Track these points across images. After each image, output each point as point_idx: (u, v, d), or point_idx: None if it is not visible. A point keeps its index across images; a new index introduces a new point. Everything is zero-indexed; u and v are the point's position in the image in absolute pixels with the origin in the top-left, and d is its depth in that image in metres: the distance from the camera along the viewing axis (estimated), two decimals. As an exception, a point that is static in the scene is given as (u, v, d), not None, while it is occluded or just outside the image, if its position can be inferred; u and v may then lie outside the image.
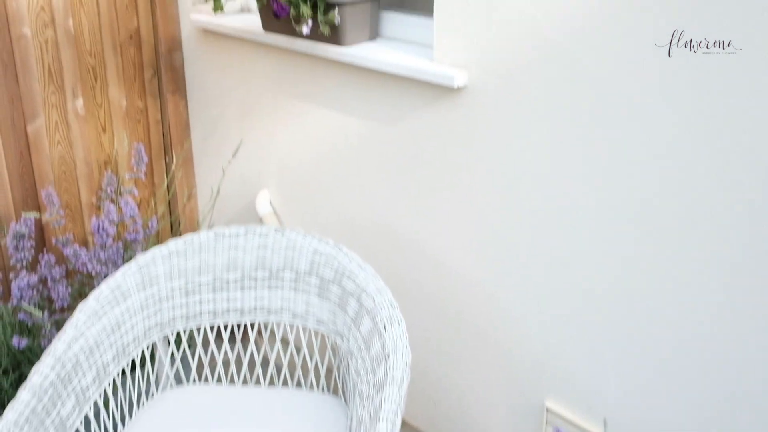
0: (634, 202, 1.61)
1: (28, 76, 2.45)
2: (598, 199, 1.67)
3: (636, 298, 1.67)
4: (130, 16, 2.68)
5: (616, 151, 1.60)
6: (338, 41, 2.09)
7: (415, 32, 2.11)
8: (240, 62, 2.56)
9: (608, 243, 1.69)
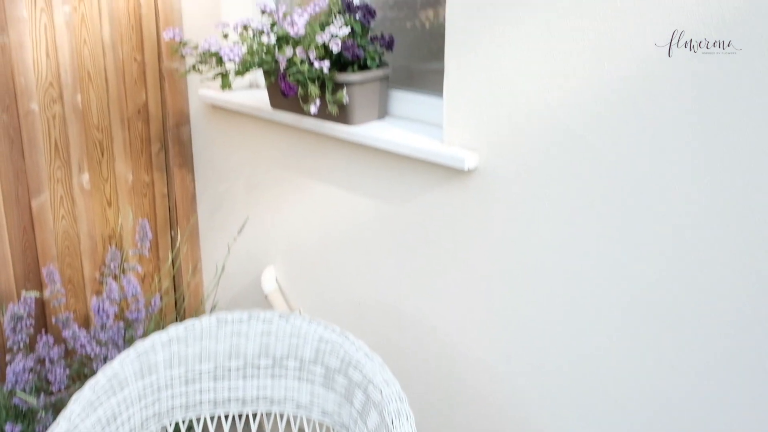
0: (650, 291, 1.54)
1: (35, 152, 2.44)
2: (611, 287, 1.60)
3: (651, 390, 1.58)
4: (138, 90, 2.67)
5: (630, 237, 1.54)
6: (346, 120, 2.06)
7: (424, 111, 2.08)
8: (247, 138, 2.54)
9: (622, 332, 1.61)
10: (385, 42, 2.05)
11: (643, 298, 1.56)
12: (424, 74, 2.16)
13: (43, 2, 2.36)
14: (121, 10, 2.56)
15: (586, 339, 1.69)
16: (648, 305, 1.56)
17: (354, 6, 2.04)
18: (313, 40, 2.01)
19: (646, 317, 1.57)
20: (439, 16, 2.14)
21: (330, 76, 2.01)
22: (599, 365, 1.68)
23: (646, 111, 1.46)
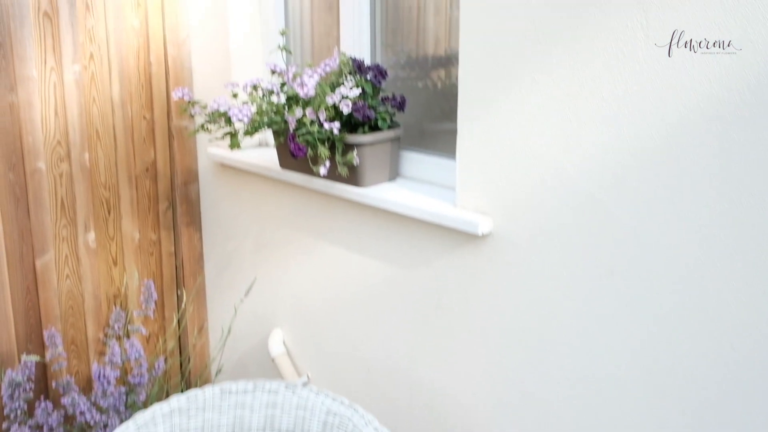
0: (673, 367, 1.46)
1: (40, 210, 2.40)
2: (629, 360, 1.52)
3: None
4: (147, 148, 2.64)
5: (652, 309, 1.46)
6: (357, 182, 2.01)
7: (436, 173, 2.03)
8: (256, 197, 2.49)
9: (639, 406, 1.52)
10: (397, 102, 2.01)
11: (664, 373, 1.48)
12: (436, 135, 2.12)
13: (53, 61, 2.35)
14: (132, 69, 2.55)
15: (602, 412, 1.61)
16: (670, 381, 1.48)
17: (365, 66, 2.01)
18: (323, 101, 1.97)
19: (666, 394, 1.48)
20: (452, 75, 2.11)
21: (340, 138, 1.96)
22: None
23: (667, 177, 1.40)
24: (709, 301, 1.39)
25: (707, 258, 1.38)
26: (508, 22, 1.59)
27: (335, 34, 2.44)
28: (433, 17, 2.10)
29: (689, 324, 1.43)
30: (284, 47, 2.18)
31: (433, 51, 2.14)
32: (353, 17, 2.19)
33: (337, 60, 2.00)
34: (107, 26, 2.46)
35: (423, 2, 2.13)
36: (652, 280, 1.47)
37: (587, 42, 1.47)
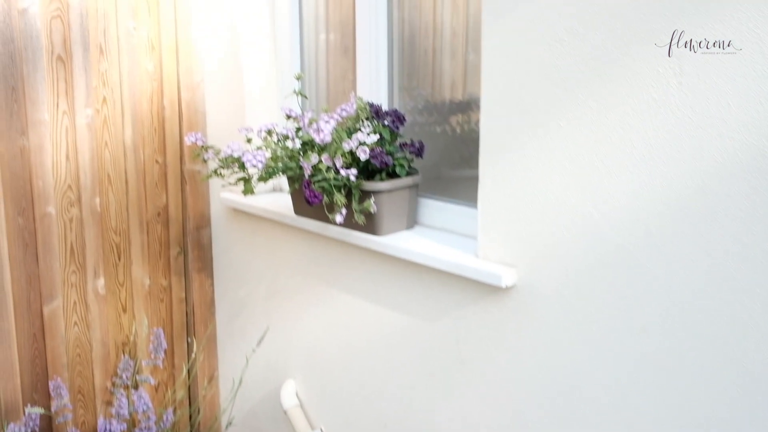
0: (707, 430, 1.37)
1: (49, 256, 2.35)
2: (668, 427, 1.43)
3: None
4: (159, 193, 2.60)
5: (687, 369, 1.38)
6: (374, 230, 1.95)
7: (456, 221, 1.96)
8: (269, 243, 2.43)
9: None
10: (415, 149, 1.96)
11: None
12: (455, 182, 2.06)
13: (65, 105, 2.32)
14: (144, 113, 2.51)
15: (640, 480, 1.51)
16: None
17: (383, 112, 1.96)
18: (339, 147, 1.92)
19: (711, 460, 1.39)
20: (471, 121, 2.06)
21: (357, 185, 1.91)
22: None
23: (704, 229, 1.32)
24: (751, 362, 1.31)
25: (748, 316, 1.29)
26: (532, 67, 1.54)
27: (351, 78, 2.40)
28: (449, 61, 2.06)
29: (729, 388, 1.34)
30: (300, 92, 2.14)
31: (451, 95, 2.09)
32: (370, 61, 2.15)
33: (354, 105, 1.95)
34: (121, 70, 2.44)
35: (439, 46, 2.09)
36: (687, 340, 1.38)
37: (616, 87, 1.41)
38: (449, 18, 2.05)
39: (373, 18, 2.11)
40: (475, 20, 1.97)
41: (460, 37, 2.04)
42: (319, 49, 2.46)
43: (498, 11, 1.59)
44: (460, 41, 2.03)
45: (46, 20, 2.25)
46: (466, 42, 2.02)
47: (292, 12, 2.44)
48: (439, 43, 2.09)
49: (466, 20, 2.01)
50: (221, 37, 2.50)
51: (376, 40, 2.11)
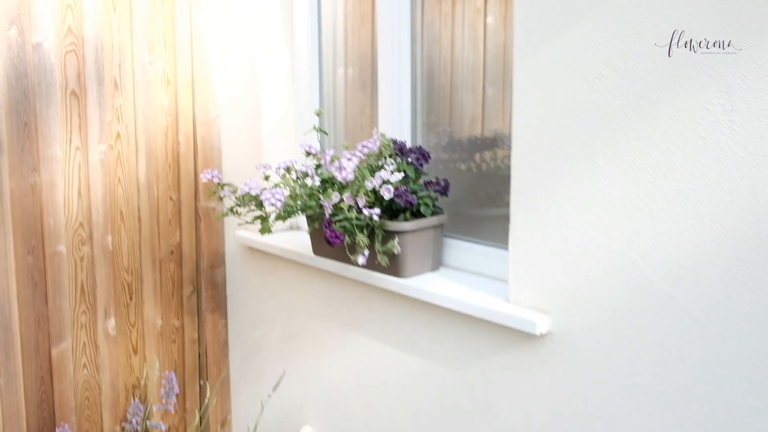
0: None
1: (59, 296, 2.28)
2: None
3: None
4: (172, 230, 2.53)
5: (738, 419, 1.28)
6: (397, 272, 1.86)
7: (483, 263, 1.88)
8: (286, 283, 2.35)
9: None
10: (441, 187, 1.88)
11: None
12: (481, 221, 1.98)
13: (78, 141, 2.27)
14: (159, 149, 2.46)
15: None
16: None
17: (407, 149, 1.88)
18: (362, 186, 1.84)
19: None
20: (497, 157, 1.98)
21: (380, 225, 1.83)
22: None
23: (759, 276, 1.23)
24: (813, 421, 1.21)
25: (810, 371, 1.20)
26: (568, 104, 1.46)
27: (369, 113, 2.35)
28: (472, 96, 2.00)
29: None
30: (319, 128, 2.08)
31: (475, 131, 2.02)
32: (392, 97, 2.09)
33: (377, 142, 1.88)
34: (136, 105, 2.39)
35: (461, 82, 2.02)
36: (744, 400, 1.28)
37: (661, 126, 1.33)
38: (471, 53, 1.99)
39: (395, 53, 2.05)
40: (496, 55, 1.91)
41: (482, 72, 1.97)
42: (337, 84, 2.41)
43: (531, 46, 1.52)
44: (483, 76, 1.97)
45: (60, 54, 2.21)
46: (490, 77, 1.95)
47: (312, 47, 2.40)
48: (460, 79, 2.03)
49: (488, 55, 1.95)
50: (239, 72, 2.45)
51: (398, 75, 2.06)
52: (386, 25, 2.06)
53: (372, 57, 2.30)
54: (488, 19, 1.96)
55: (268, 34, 2.38)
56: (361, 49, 2.32)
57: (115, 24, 2.31)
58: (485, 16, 1.97)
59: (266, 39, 2.38)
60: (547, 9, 1.48)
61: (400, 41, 2.05)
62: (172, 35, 2.45)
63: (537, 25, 1.50)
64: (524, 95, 1.54)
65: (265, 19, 2.36)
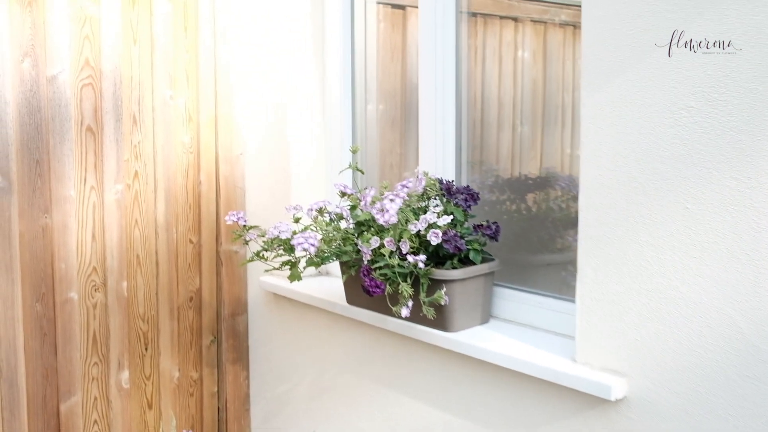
0: None
1: (69, 346, 2.14)
2: None
3: None
4: (192, 275, 2.37)
5: None
6: (444, 325, 1.69)
7: (540, 316, 1.70)
8: (316, 334, 2.20)
9: None
10: (492, 231, 1.71)
11: None
12: (534, 268, 1.82)
13: (93, 180, 2.13)
14: (179, 188, 2.32)
15: None
16: None
17: (454, 189, 1.72)
18: (405, 229, 1.67)
19: None
20: (549, 198, 1.82)
21: (425, 273, 1.65)
22: None
23: None
24: None
25: None
26: (648, 140, 1.29)
27: (399, 151, 2.22)
28: (520, 133, 1.86)
29: None
30: (355, 166, 1.92)
31: (524, 170, 1.88)
32: (435, 133, 1.94)
33: (422, 181, 1.72)
34: (155, 142, 2.26)
35: (507, 118, 1.88)
36: None
37: (763, 162, 1.15)
38: (518, 88, 1.85)
39: (439, 88, 1.91)
40: (551, 90, 1.76)
41: (530, 108, 1.83)
42: (369, 121, 2.28)
43: (602, 76, 1.36)
44: (532, 112, 1.83)
45: (76, 88, 2.09)
46: (539, 112, 1.80)
47: (344, 82, 2.26)
48: (506, 115, 1.89)
49: (538, 90, 1.80)
50: (265, 108, 2.33)
51: (443, 110, 1.91)
52: (428, 59, 1.93)
53: (402, 92, 2.19)
54: (538, 53, 1.82)
55: (297, 68, 2.26)
56: (391, 84, 2.22)
57: (135, 57, 2.20)
58: (530, 49, 1.83)
59: (295, 73, 2.26)
60: (621, 33, 1.32)
61: (444, 75, 1.90)
62: (195, 69, 2.33)
63: (610, 52, 1.34)
64: (594, 132, 1.38)
65: (294, 53, 2.25)
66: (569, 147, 1.79)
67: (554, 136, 1.80)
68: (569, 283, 1.74)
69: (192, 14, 2.29)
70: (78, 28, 2.08)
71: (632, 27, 1.31)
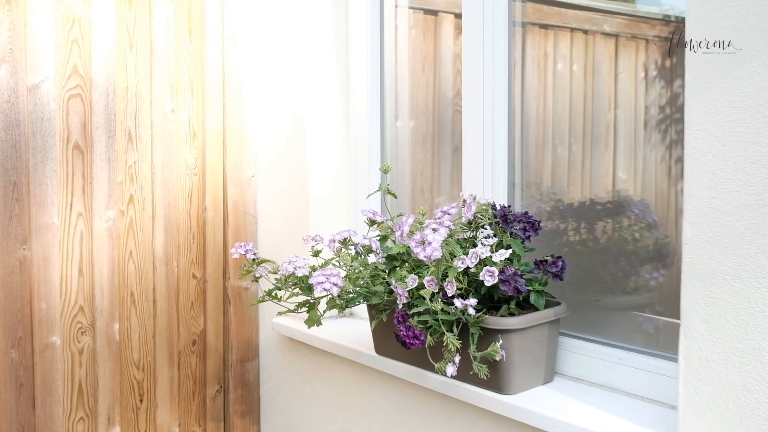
0: None
1: (50, 399, 1.93)
2: None
3: None
4: (195, 316, 2.13)
5: None
6: (498, 386, 1.37)
7: (622, 375, 1.39)
8: (338, 386, 1.92)
9: None
10: (558, 269, 1.38)
11: None
12: (607, 313, 1.50)
13: (81, 205, 1.92)
14: (180, 215, 2.08)
15: None
16: None
17: (511, 216, 1.40)
18: (449, 266, 1.36)
19: None
20: (621, 227, 1.52)
21: (476, 320, 1.33)
22: None
23: None
24: None
25: None
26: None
27: (430, 173, 1.99)
28: (581, 152, 1.58)
29: None
30: (387, 188, 1.61)
31: (588, 194, 1.60)
32: (483, 152, 1.64)
33: (472, 207, 1.40)
34: (153, 162, 2.03)
35: (567, 135, 1.59)
36: None
37: None
38: (581, 102, 1.57)
39: (488, 103, 1.64)
40: (624, 104, 1.45)
41: (594, 124, 1.54)
42: (399, 138, 2.02)
43: (717, 66, 1.04)
44: (596, 130, 1.54)
45: (62, 100, 1.87)
46: (608, 129, 1.49)
47: (372, 94, 2.00)
48: (566, 132, 1.60)
49: (605, 103, 1.50)
50: (281, 123, 2.10)
51: (492, 128, 1.64)
52: (475, 72, 1.66)
53: (434, 107, 1.95)
54: (603, 66, 1.54)
55: (317, 78, 2.02)
56: (422, 98, 1.98)
57: (132, 64, 1.97)
58: (592, 62, 1.53)
59: (315, 84, 2.02)
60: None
61: (494, 89, 1.63)
62: (201, 78, 2.09)
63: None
64: (705, 141, 1.07)
65: (313, 60, 2.00)
66: (641, 167, 1.50)
67: (626, 155, 1.50)
68: (648, 331, 1.43)
69: (197, 16, 2.06)
70: (65, 30, 1.86)
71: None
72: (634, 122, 1.49)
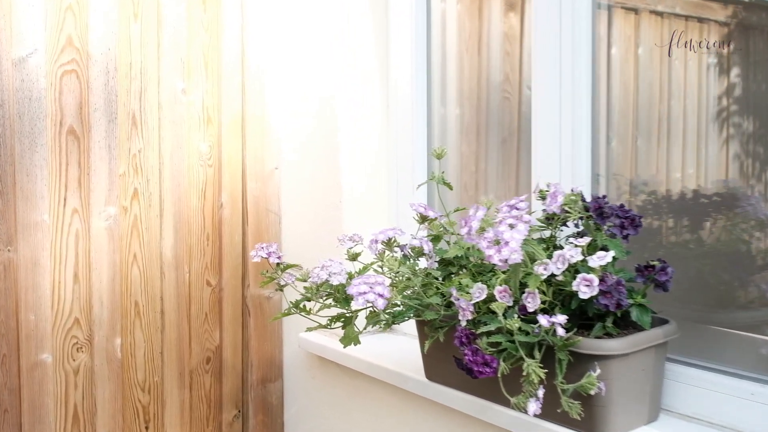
0: None
1: (40, 426, 1.82)
2: None
3: None
4: (210, 329, 2.03)
5: None
6: (593, 426, 1.10)
7: (751, 414, 1.10)
8: (377, 415, 1.71)
9: None
10: (667, 277, 1.11)
11: None
12: (722, 334, 1.23)
13: (76, 200, 1.76)
14: (192, 213, 1.93)
15: None
16: None
17: (607, 209, 1.12)
18: (530, 272, 1.09)
19: None
20: (736, 226, 1.28)
21: (565, 344, 1.05)
22: None
23: None
24: None
25: None
26: None
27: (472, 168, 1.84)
28: (683, 136, 1.34)
29: None
30: (441, 178, 1.36)
31: (691, 185, 1.36)
32: (560, 136, 1.40)
33: (558, 197, 1.12)
34: (161, 150, 1.89)
35: (665, 118, 1.36)
36: None
37: None
38: (682, 85, 1.36)
39: (566, 89, 1.44)
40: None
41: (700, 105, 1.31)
42: (447, 127, 1.85)
43: None
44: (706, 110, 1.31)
45: (54, 76, 1.71)
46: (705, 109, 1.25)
47: (417, 77, 1.81)
48: (663, 114, 1.39)
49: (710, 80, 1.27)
50: (309, 106, 1.94)
51: (571, 115, 1.42)
52: (549, 53, 1.48)
53: (479, 94, 1.79)
54: None
55: (351, 58, 1.85)
56: (468, 82, 1.82)
57: (136, 36, 1.82)
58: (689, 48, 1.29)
59: (349, 64, 1.86)
60: None
61: (573, 73, 1.43)
62: (217, 54, 1.94)
63: None
64: None
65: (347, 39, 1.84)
66: (752, 154, 1.27)
67: (738, 143, 1.26)
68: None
69: (213, -18, 1.90)
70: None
71: None
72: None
